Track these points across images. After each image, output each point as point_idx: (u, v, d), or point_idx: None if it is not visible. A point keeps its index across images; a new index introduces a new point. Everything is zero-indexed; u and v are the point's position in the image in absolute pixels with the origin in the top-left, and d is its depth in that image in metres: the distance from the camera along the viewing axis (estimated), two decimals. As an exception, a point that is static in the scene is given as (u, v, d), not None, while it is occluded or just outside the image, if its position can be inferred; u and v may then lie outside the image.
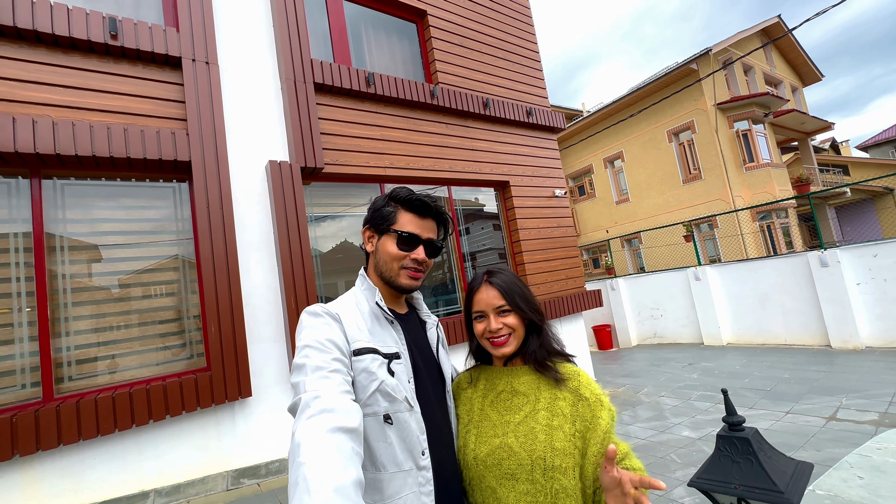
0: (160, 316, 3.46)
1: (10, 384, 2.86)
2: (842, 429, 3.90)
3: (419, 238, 1.07)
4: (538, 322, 1.08)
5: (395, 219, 1.08)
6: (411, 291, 1.11)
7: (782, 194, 12.36)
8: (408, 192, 1.09)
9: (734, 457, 0.82)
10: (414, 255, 1.06)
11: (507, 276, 1.11)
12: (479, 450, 1.01)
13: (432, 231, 1.10)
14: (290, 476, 0.67)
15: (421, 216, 1.09)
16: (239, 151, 3.91)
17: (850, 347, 6.68)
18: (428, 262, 1.09)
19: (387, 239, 1.08)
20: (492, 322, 1.06)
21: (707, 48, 12.58)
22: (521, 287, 1.09)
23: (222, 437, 3.41)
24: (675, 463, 3.59)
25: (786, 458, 0.82)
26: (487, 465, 0.99)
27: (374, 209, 1.12)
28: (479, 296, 1.10)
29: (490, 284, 1.09)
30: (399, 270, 1.06)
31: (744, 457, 0.81)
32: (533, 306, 1.08)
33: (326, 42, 4.85)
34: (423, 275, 1.09)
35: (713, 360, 7.30)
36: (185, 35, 3.66)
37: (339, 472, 0.66)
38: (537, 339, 1.08)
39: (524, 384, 1.05)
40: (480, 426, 1.05)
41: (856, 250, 6.71)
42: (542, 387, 1.03)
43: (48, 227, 3.14)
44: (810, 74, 17.99)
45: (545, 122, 6.57)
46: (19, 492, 2.71)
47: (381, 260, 1.09)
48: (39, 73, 3.10)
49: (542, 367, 1.04)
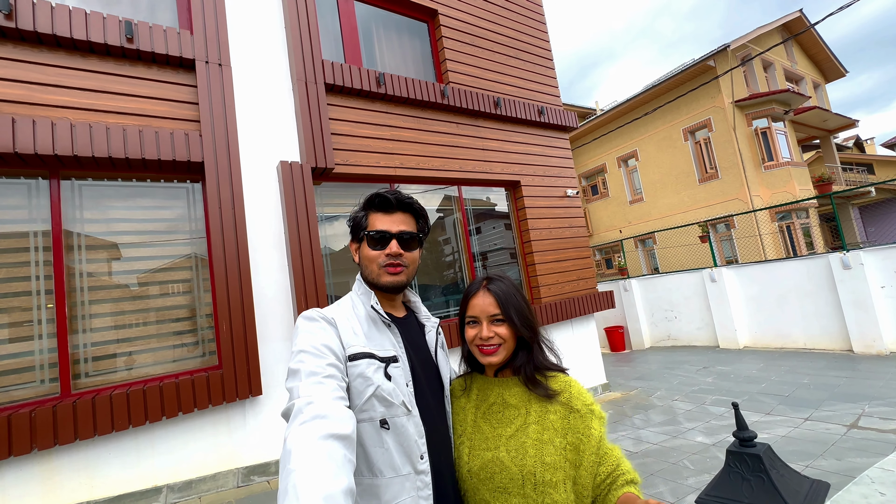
0: (174, 314, 3.52)
1: (29, 380, 2.95)
2: (864, 437, 3.77)
3: (389, 233, 1.07)
4: (528, 337, 1.06)
5: (366, 222, 1.10)
6: (397, 289, 1.09)
7: (803, 194, 12.02)
8: (372, 194, 1.11)
9: (745, 474, 0.79)
10: (387, 250, 1.06)
11: (506, 285, 1.09)
12: (473, 463, 1.01)
13: (404, 223, 1.10)
14: (279, 483, 0.67)
15: (387, 212, 1.09)
16: (251, 152, 3.95)
17: (874, 353, 6.46)
18: (406, 255, 1.08)
19: (364, 245, 1.10)
20: (483, 329, 1.04)
21: (725, 44, 12.28)
22: (518, 298, 1.07)
23: (233, 434, 3.45)
24: (689, 469, 3.51)
25: (800, 477, 0.79)
26: (481, 479, 0.98)
27: (351, 221, 1.15)
28: (474, 300, 1.08)
29: (488, 291, 1.07)
30: (378, 270, 1.07)
31: (755, 474, 0.77)
32: (526, 321, 1.05)
33: (337, 42, 4.87)
34: (403, 268, 1.08)
35: (729, 363, 7.14)
36: (199, 37, 3.71)
37: (329, 479, 0.65)
38: (526, 353, 1.06)
39: (515, 396, 1.04)
40: (473, 438, 1.05)
41: (880, 252, 6.48)
42: (533, 399, 1.02)
43: (66, 227, 3.21)
44: (833, 70, 17.44)
45: (557, 122, 6.49)
46: (38, 484, 2.78)
47: (364, 266, 1.10)
48: (58, 77, 3.18)
49: (532, 383, 1.03)
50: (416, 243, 1.12)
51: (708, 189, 13.08)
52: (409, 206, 1.12)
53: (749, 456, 0.80)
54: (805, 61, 16.54)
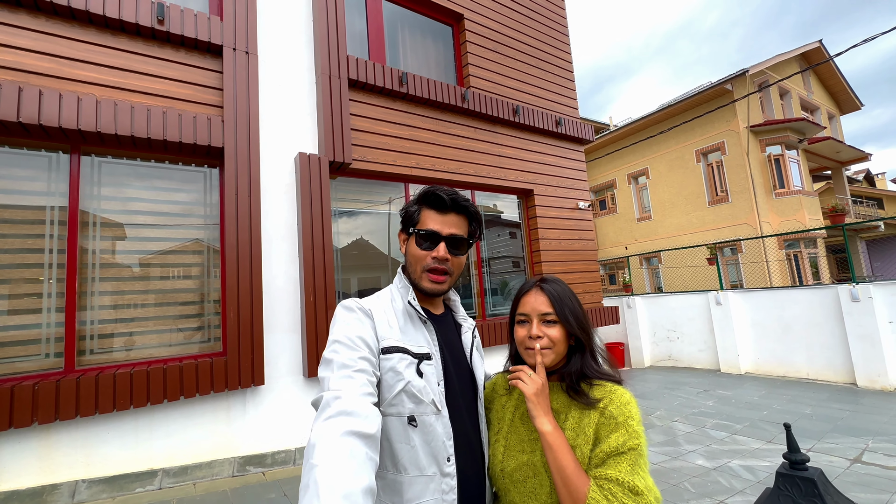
0: (182, 298, 3.50)
1: (34, 352, 2.93)
2: (867, 472, 3.71)
3: (439, 235, 1.02)
4: (584, 340, 1.02)
5: (417, 218, 1.06)
6: (436, 295, 1.06)
7: (812, 223, 11.96)
8: (429, 189, 1.07)
9: (796, 498, 0.76)
10: (434, 252, 1.02)
11: (560, 286, 1.05)
12: (507, 463, 0.98)
13: (456, 227, 1.05)
14: (302, 476, 0.67)
15: (440, 212, 1.04)
16: (270, 141, 3.96)
17: (878, 388, 6.39)
18: (453, 260, 1.04)
19: (412, 240, 1.06)
20: (534, 327, 1.00)
21: (744, 69, 12.29)
22: (573, 301, 1.03)
23: (232, 423, 3.43)
24: (689, 492, 3.46)
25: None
26: (514, 480, 0.96)
27: (404, 212, 1.11)
28: (526, 298, 1.04)
29: (541, 290, 1.04)
30: (421, 273, 1.03)
31: (807, 499, 0.74)
32: (581, 323, 1.01)
33: (363, 39, 4.89)
34: (447, 277, 1.04)
35: (730, 388, 7.07)
36: (228, 24, 3.73)
37: (350, 478, 0.65)
38: (579, 359, 1.01)
39: (557, 401, 1.00)
40: (509, 438, 1.02)
41: (890, 287, 6.43)
42: (574, 406, 0.98)
43: (83, 204, 3.21)
44: (849, 102, 17.44)
45: (574, 133, 6.49)
46: (35, 458, 2.76)
47: (408, 262, 1.07)
48: (87, 53, 3.19)
49: (573, 390, 0.98)
50: (465, 248, 1.07)
51: (717, 212, 13.04)
52: (465, 209, 1.07)
53: (802, 479, 0.77)
54: (821, 91, 16.54)
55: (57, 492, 2.77)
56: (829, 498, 0.74)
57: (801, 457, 0.83)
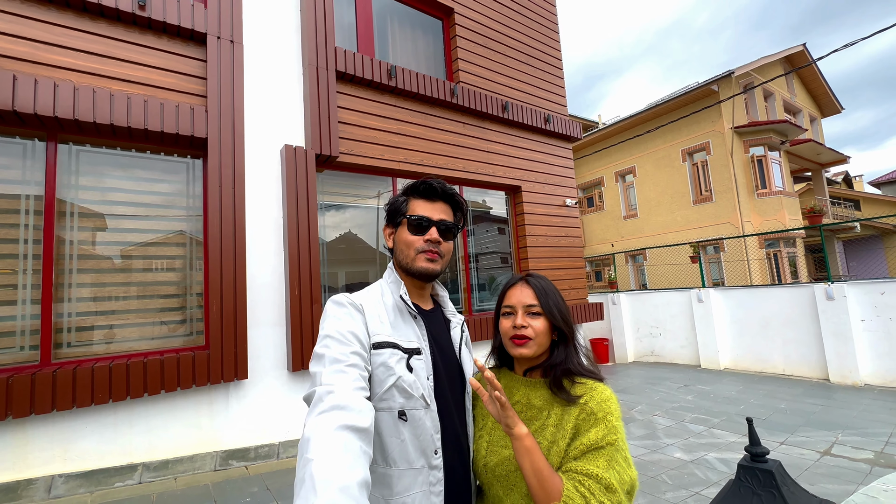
0: (163, 290, 3.45)
1: (8, 345, 2.86)
2: (836, 465, 3.85)
3: (430, 220, 1.07)
4: (567, 334, 1.05)
5: (406, 208, 1.11)
6: (432, 277, 1.09)
7: (792, 223, 12.27)
8: (417, 181, 1.12)
9: (755, 489, 0.79)
10: (427, 236, 1.06)
11: (545, 281, 1.09)
12: (490, 459, 1.00)
13: (444, 213, 1.11)
14: (297, 471, 0.68)
15: (430, 200, 1.10)
16: (256, 133, 3.90)
17: (849, 383, 6.62)
18: (443, 245, 1.09)
19: (402, 229, 1.10)
20: (518, 317, 1.03)
21: (730, 70, 12.48)
22: (557, 296, 1.07)
23: (215, 417, 3.40)
24: (666, 484, 3.55)
25: (808, 495, 0.79)
26: (497, 475, 0.98)
27: (389, 206, 1.15)
28: (512, 291, 1.08)
29: (527, 283, 1.08)
30: (415, 255, 1.06)
31: (766, 490, 0.77)
32: (565, 316, 1.04)
33: (351, 31, 4.83)
34: (439, 257, 1.08)
35: (709, 383, 7.25)
36: (213, 11, 3.65)
37: (345, 471, 0.66)
38: (563, 351, 1.04)
39: (540, 398, 1.02)
40: (493, 434, 1.04)
41: (863, 286, 6.64)
42: (556, 402, 1.00)
43: (60, 193, 3.13)
44: (830, 106, 17.86)
45: (562, 131, 6.53)
46: (9, 453, 2.70)
47: (399, 250, 1.10)
48: (65, 37, 3.09)
49: (556, 386, 1.00)
50: (452, 234, 1.13)
51: (701, 211, 13.28)
52: (451, 198, 1.13)
53: (761, 471, 0.80)
54: (804, 94, 16.90)
55: (32, 487, 2.72)
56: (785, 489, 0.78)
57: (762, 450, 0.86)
